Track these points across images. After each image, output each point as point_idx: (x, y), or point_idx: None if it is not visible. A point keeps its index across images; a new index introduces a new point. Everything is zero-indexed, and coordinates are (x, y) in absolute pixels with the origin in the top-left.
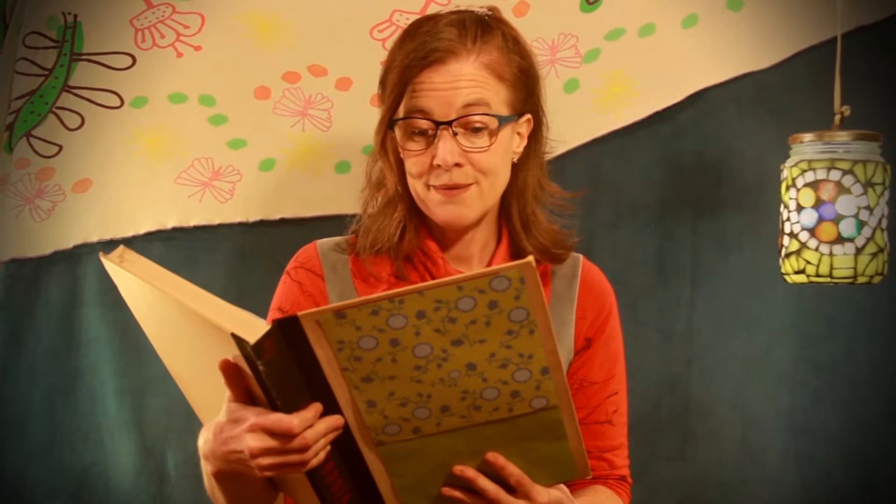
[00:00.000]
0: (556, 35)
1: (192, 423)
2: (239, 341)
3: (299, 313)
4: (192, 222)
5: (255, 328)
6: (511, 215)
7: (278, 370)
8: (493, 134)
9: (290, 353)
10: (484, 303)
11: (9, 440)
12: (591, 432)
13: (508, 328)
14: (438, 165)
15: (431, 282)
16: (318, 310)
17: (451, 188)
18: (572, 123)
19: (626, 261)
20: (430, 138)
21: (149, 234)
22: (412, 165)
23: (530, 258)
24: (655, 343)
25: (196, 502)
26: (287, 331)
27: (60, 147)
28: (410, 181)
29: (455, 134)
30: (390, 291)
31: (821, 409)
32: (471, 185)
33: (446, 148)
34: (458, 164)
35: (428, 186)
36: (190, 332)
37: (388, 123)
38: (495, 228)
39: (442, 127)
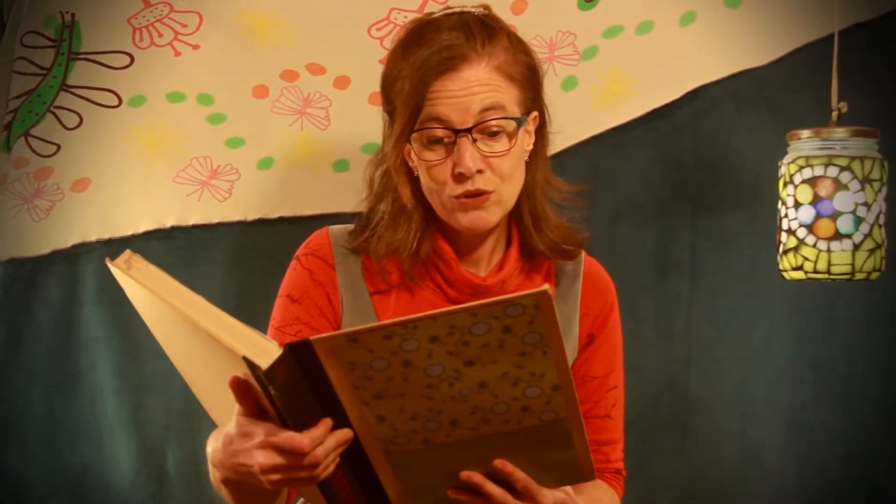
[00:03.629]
0: (554, 33)
1: (191, 423)
2: (251, 366)
3: (312, 338)
4: (191, 221)
5: (265, 351)
6: (522, 213)
7: (289, 392)
8: (511, 137)
9: (301, 374)
10: (498, 328)
11: (8, 440)
12: (591, 426)
13: (522, 350)
14: (460, 173)
15: (445, 309)
16: (331, 335)
17: (474, 195)
18: (571, 121)
19: (625, 258)
20: (447, 147)
21: (147, 233)
22: (434, 175)
23: (546, 287)
24: (654, 340)
25: (195, 501)
26: (299, 354)
27: (59, 146)
28: (430, 190)
29: (474, 140)
30: (403, 318)
31: (819, 405)
32: (491, 192)
33: (468, 155)
34: (479, 171)
35: (450, 196)
36: (199, 344)
37: (408, 136)
38: (505, 229)
39: (461, 134)
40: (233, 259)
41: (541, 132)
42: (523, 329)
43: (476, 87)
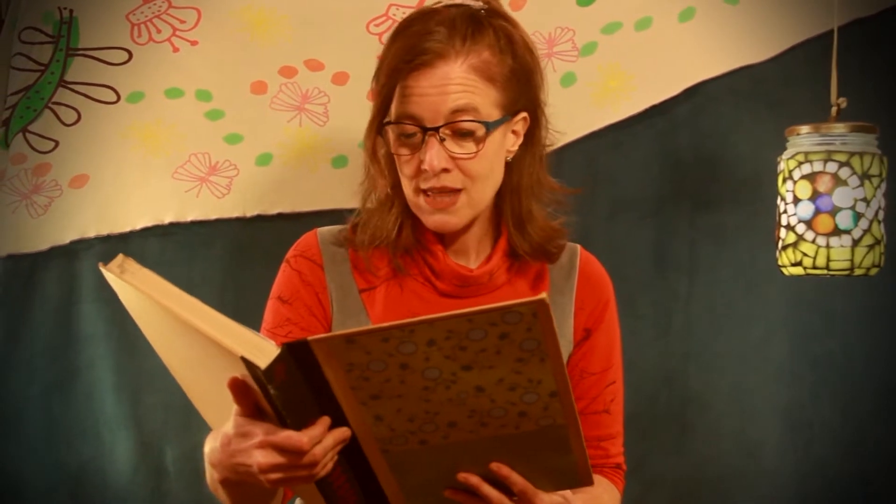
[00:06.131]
0: (553, 29)
1: (189, 419)
2: (250, 366)
3: (310, 338)
4: (190, 217)
5: (263, 351)
6: (505, 213)
7: (288, 391)
8: (480, 140)
9: (300, 373)
10: (495, 334)
11: (6, 437)
12: (590, 422)
13: (519, 356)
14: (426, 169)
15: (442, 314)
16: (329, 336)
17: (440, 193)
18: (569, 117)
19: (624, 254)
20: (418, 143)
21: (146, 230)
22: (404, 169)
23: (544, 295)
24: (653, 337)
25: (194, 497)
26: (297, 353)
27: (57, 142)
28: (403, 182)
29: (442, 139)
30: (401, 322)
31: (818, 402)
32: (459, 192)
33: (433, 153)
34: (445, 170)
35: (418, 192)
36: (195, 346)
37: (377, 128)
38: (491, 223)
39: (429, 133)
40: (231, 255)
41: (532, 133)
42: (521, 336)
43: (450, 86)
